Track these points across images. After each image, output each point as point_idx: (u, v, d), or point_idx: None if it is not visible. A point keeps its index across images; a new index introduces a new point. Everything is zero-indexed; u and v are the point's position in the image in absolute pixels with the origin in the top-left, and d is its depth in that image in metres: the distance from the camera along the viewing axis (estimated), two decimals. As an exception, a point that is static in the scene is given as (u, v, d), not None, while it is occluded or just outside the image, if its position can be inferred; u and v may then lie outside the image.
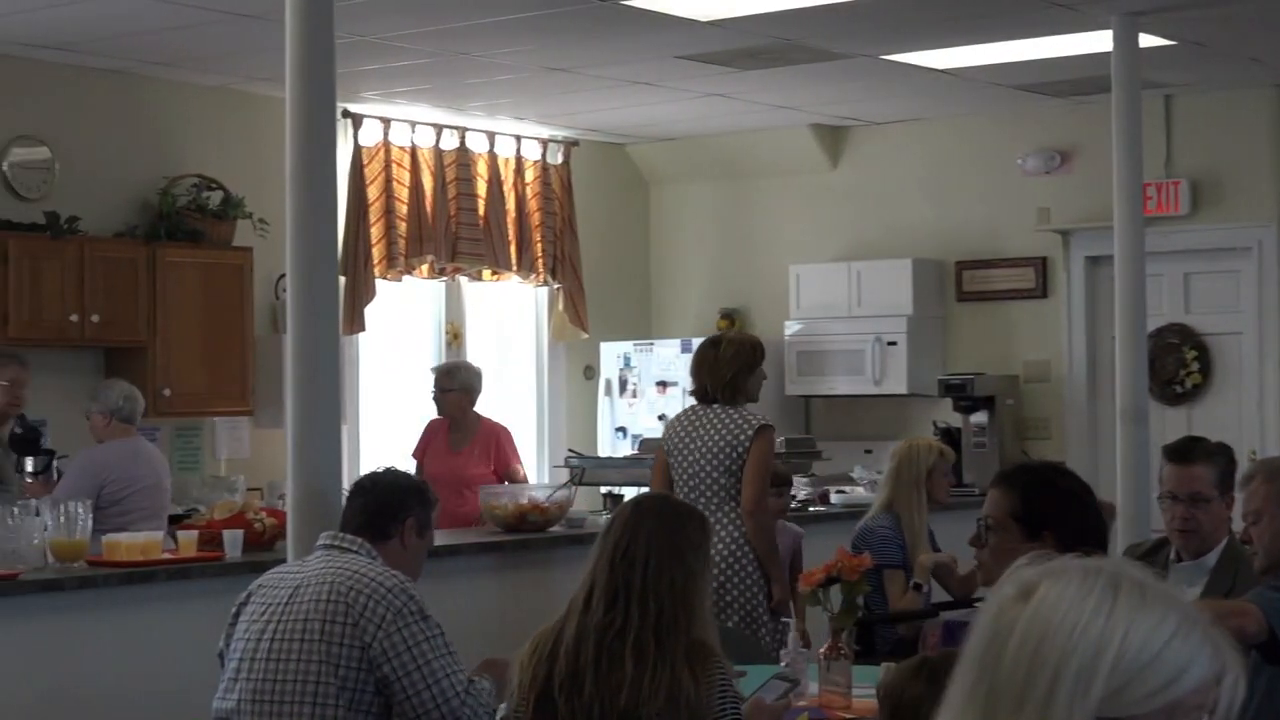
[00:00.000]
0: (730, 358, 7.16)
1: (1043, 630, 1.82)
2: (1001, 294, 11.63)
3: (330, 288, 5.96)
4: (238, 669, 4.63)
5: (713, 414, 7.10)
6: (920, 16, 8.81)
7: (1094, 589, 1.84)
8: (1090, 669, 1.79)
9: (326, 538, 4.83)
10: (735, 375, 7.13)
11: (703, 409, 7.17)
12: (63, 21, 8.58)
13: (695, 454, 7.06)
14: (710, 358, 7.20)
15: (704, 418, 7.12)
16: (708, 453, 7.03)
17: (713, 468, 7.02)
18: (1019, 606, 1.85)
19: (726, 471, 7.00)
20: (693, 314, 12.71)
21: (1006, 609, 1.86)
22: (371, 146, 10.94)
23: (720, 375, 7.13)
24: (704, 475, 7.04)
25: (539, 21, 8.67)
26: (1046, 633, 1.81)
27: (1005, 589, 1.88)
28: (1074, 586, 1.84)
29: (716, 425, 7.06)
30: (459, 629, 4.89)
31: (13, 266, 8.99)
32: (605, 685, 4.07)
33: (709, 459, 7.02)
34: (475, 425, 9.31)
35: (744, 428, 7.01)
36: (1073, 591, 1.84)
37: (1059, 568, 1.88)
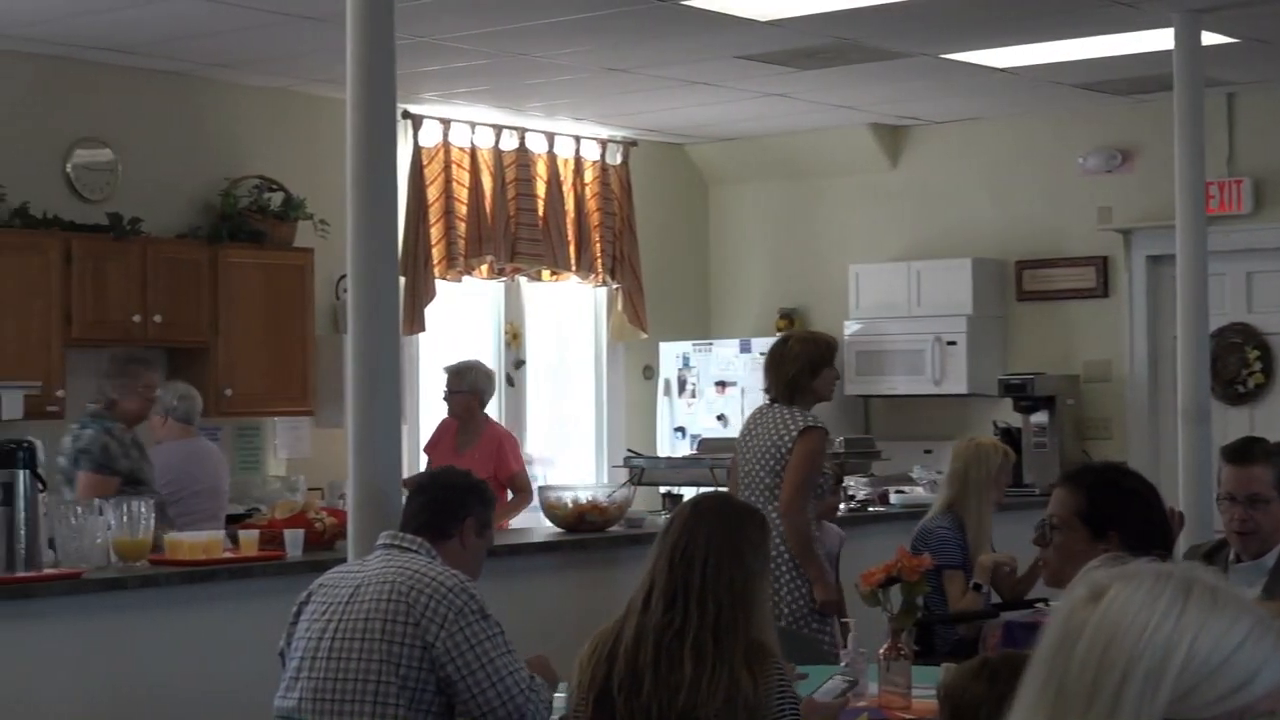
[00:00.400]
0: (794, 356, 7.13)
1: (1111, 631, 1.81)
2: (1062, 293, 11.58)
3: (390, 288, 5.98)
4: (299, 668, 4.65)
5: (771, 413, 7.11)
6: (980, 15, 8.78)
7: (1164, 592, 1.83)
8: (1159, 671, 1.78)
9: (386, 537, 4.85)
10: (797, 374, 7.08)
11: (766, 408, 7.18)
12: (125, 24, 8.64)
13: (750, 453, 7.09)
14: (776, 355, 7.19)
15: (763, 417, 7.13)
16: (758, 452, 7.05)
17: (760, 467, 7.04)
18: (1089, 608, 1.85)
19: (771, 471, 7.00)
20: (752, 314, 12.70)
21: (1077, 611, 1.86)
22: (431, 147, 10.97)
23: (783, 373, 7.12)
24: (754, 474, 7.06)
25: (598, 22, 8.68)
26: (1115, 634, 1.81)
27: (1077, 591, 1.88)
28: (1145, 589, 1.84)
29: (768, 425, 7.06)
30: (518, 629, 4.90)
31: (76, 267, 9.06)
32: (664, 686, 4.07)
33: (758, 458, 7.05)
34: (481, 428, 9.23)
35: (790, 428, 6.99)
36: (1143, 594, 1.83)
37: (1131, 571, 1.87)
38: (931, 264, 11.77)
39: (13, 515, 6.17)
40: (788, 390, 7.09)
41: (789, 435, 6.97)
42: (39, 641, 6.14)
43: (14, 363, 8.77)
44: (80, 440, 7.65)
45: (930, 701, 4.76)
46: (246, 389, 9.69)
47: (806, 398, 7.10)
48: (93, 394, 8.21)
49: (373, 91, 5.85)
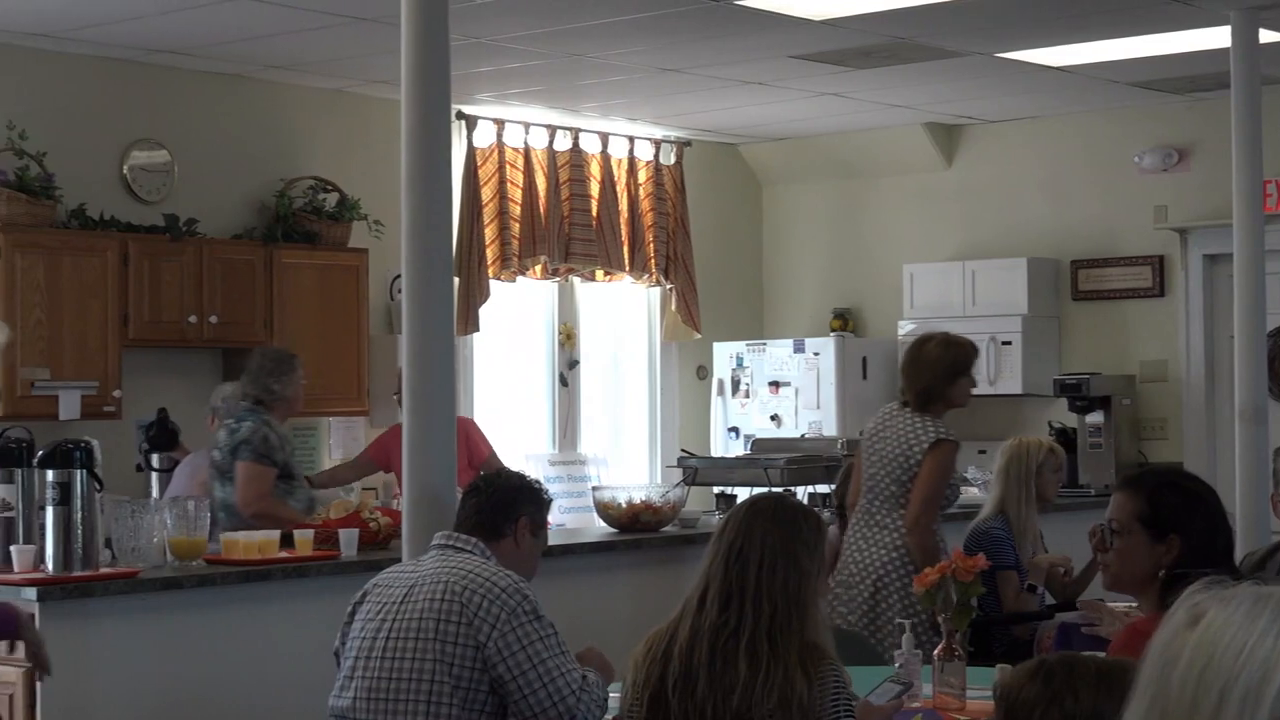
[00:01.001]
0: (933, 361, 6.84)
1: (1209, 654, 1.81)
2: (1118, 293, 11.52)
3: (445, 289, 5.99)
4: (353, 667, 4.67)
5: (902, 418, 6.81)
6: (1035, 13, 8.75)
7: (1263, 612, 1.82)
8: (1257, 693, 1.77)
9: (441, 537, 4.86)
10: (935, 381, 6.80)
11: (897, 410, 6.87)
12: (182, 27, 8.69)
13: (876, 456, 6.83)
14: (913, 358, 6.90)
15: (893, 420, 6.85)
16: (885, 457, 6.78)
17: (885, 473, 6.77)
18: (1188, 632, 1.85)
19: (896, 480, 6.74)
20: (806, 314, 12.68)
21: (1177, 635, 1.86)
22: (485, 148, 10.99)
23: (919, 378, 6.82)
24: (878, 480, 6.81)
25: (652, 22, 8.68)
26: (1213, 655, 1.81)
27: (1177, 616, 1.88)
28: (1243, 610, 1.84)
29: (898, 430, 6.78)
30: (571, 628, 4.90)
31: (133, 268, 9.11)
32: (718, 686, 4.07)
33: (884, 464, 6.78)
34: None
35: (921, 438, 6.70)
36: (1241, 615, 1.83)
37: (1230, 594, 1.87)
38: (986, 264, 11.73)
39: (70, 515, 6.22)
40: (922, 396, 6.79)
41: (920, 446, 6.69)
42: (96, 640, 6.18)
43: (71, 363, 8.83)
44: (240, 431, 7.71)
45: (984, 703, 4.74)
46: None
47: (940, 405, 6.82)
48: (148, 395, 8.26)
49: (427, 92, 5.86)
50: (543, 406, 11.69)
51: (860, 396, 11.71)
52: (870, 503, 6.82)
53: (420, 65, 5.86)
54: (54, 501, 6.22)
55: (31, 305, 8.69)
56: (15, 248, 8.66)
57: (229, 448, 7.71)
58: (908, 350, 7.00)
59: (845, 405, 11.67)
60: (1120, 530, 4.17)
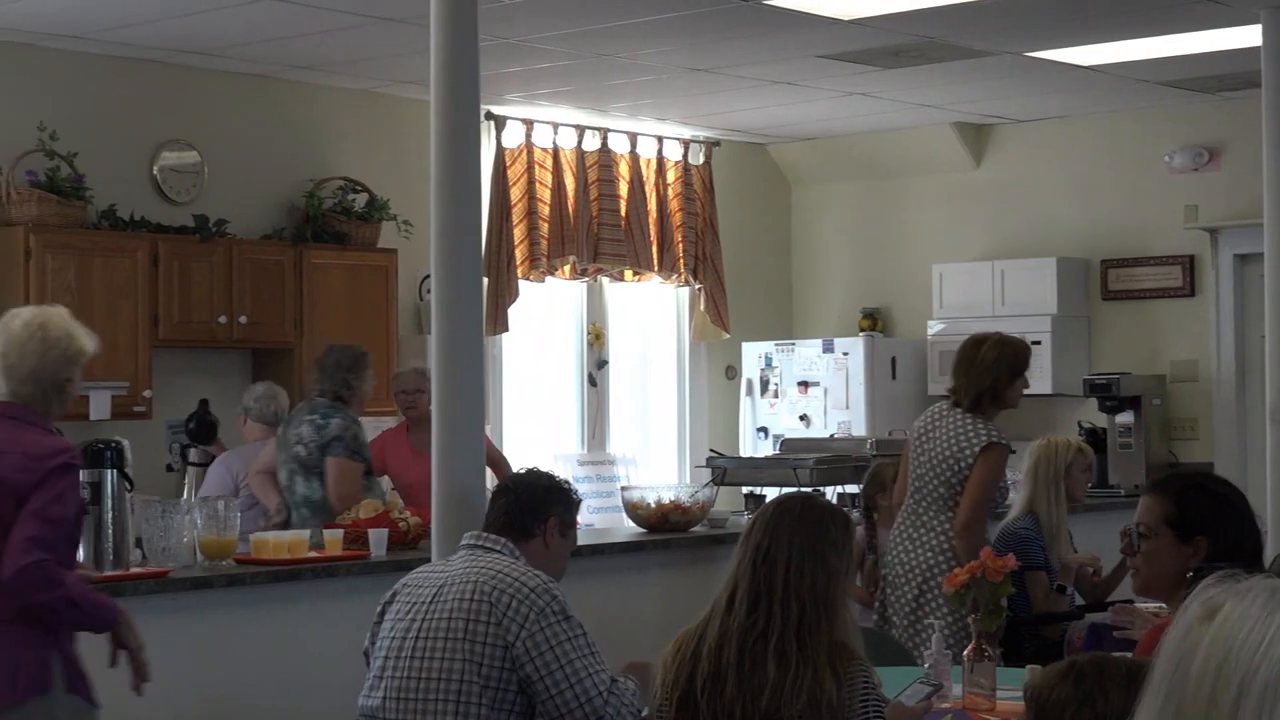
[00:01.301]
0: (990, 363, 6.79)
1: (1226, 647, 1.80)
2: (1148, 293, 11.49)
3: (474, 289, 6.00)
4: (383, 667, 4.68)
5: (953, 419, 6.76)
6: (1064, 12, 8.73)
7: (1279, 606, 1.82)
8: (1277, 686, 1.77)
9: (470, 537, 4.86)
10: (995, 381, 6.76)
11: (947, 410, 6.82)
12: (211, 28, 8.71)
13: (925, 457, 6.77)
14: (969, 359, 6.83)
15: (943, 421, 6.79)
16: (935, 458, 6.73)
17: (934, 475, 6.73)
18: (1204, 626, 1.84)
19: (946, 483, 6.69)
20: (834, 314, 12.67)
21: (1192, 629, 1.85)
22: (514, 148, 11.00)
23: (979, 378, 6.75)
24: (926, 480, 6.76)
25: (681, 22, 8.67)
26: (1231, 649, 1.80)
27: (1192, 610, 1.88)
28: (1259, 603, 1.83)
29: (949, 431, 6.73)
30: (600, 628, 4.91)
31: (163, 269, 9.13)
32: (747, 687, 4.06)
33: (934, 465, 6.73)
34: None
35: (973, 441, 6.66)
36: (1258, 608, 1.82)
37: (1245, 587, 1.86)
38: (1015, 263, 11.70)
39: (101, 514, 6.23)
40: (979, 397, 6.74)
41: (971, 449, 6.65)
42: (127, 640, 6.19)
43: (102, 364, 8.79)
44: (329, 428, 7.73)
45: (1014, 703, 4.73)
46: (331, 389, 9.74)
47: (993, 406, 6.77)
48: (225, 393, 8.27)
49: (456, 93, 5.87)
50: (572, 407, 11.69)
51: (889, 396, 11.70)
52: (917, 503, 6.78)
53: (450, 66, 5.87)
54: (85, 501, 6.23)
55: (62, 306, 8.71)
56: (46, 248, 8.69)
57: (318, 444, 7.72)
58: (963, 350, 6.91)
59: (874, 405, 11.66)
60: (1148, 533, 4.17)
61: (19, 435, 4.78)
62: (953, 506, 6.68)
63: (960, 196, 12.23)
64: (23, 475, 4.68)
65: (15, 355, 4.88)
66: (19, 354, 4.88)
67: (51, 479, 4.68)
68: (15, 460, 4.71)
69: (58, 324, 4.97)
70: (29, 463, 4.70)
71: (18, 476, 4.67)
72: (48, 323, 4.95)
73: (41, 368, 4.88)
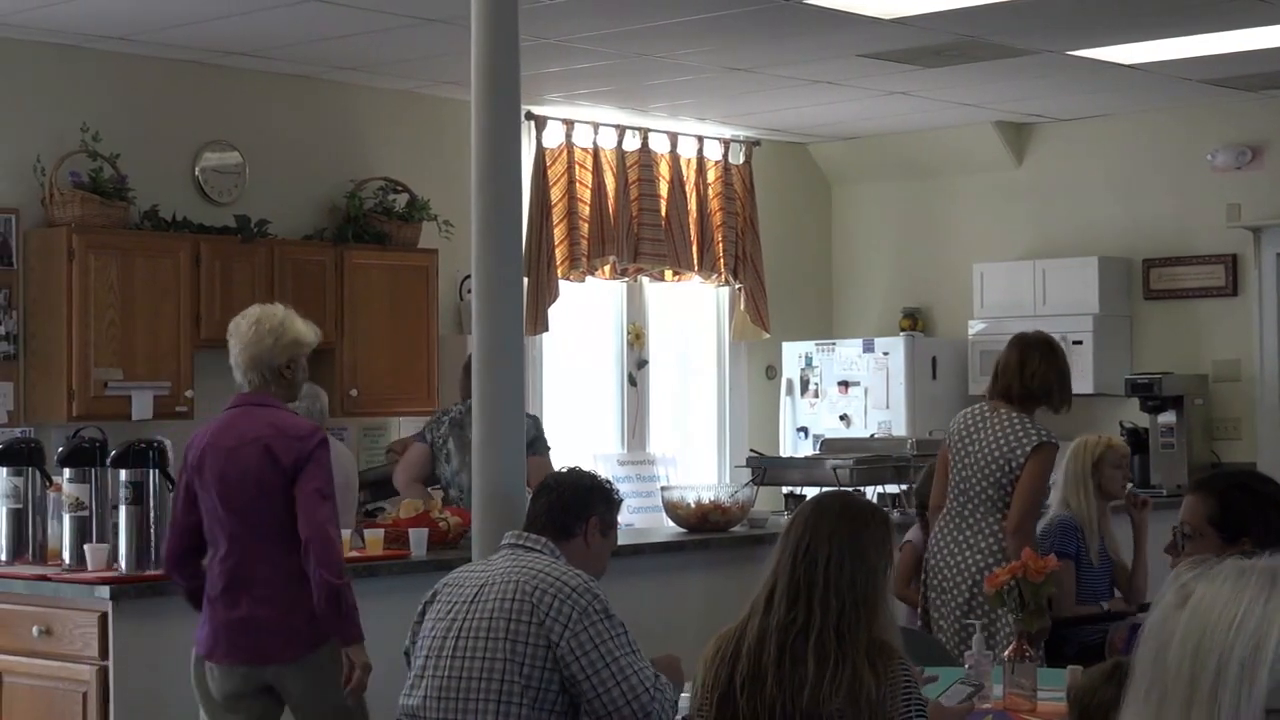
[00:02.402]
0: (1051, 363, 6.74)
1: (1200, 629, 1.84)
2: (1190, 292, 11.44)
3: (514, 289, 6.00)
4: (423, 667, 4.68)
5: (997, 419, 6.67)
6: (1106, 11, 8.70)
7: (1249, 584, 1.86)
8: (1253, 661, 1.81)
9: (511, 537, 4.87)
10: (1053, 382, 6.71)
11: (990, 410, 6.74)
12: (253, 29, 8.74)
13: (970, 459, 6.68)
14: (1023, 359, 6.73)
15: (988, 421, 6.70)
16: (982, 459, 6.63)
17: (982, 476, 6.63)
18: (1178, 613, 1.88)
19: (995, 484, 6.60)
20: (875, 314, 12.65)
21: (1168, 616, 1.89)
22: (555, 148, 11.01)
23: (1038, 378, 6.69)
24: (972, 482, 6.67)
25: (721, 22, 8.67)
26: (1205, 631, 1.84)
27: (1166, 598, 1.91)
28: (1229, 584, 1.87)
29: (997, 431, 6.63)
30: (640, 628, 4.90)
31: (205, 269, 9.16)
32: (787, 684, 4.06)
33: (981, 466, 6.63)
34: None
35: (1023, 442, 6.57)
36: (1228, 589, 1.86)
37: (1215, 571, 1.90)
38: (1057, 263, 11.66)
39: (143, 514, 6.26)
40: (1032, 397, 6.68)
41: (1023, 449, 6.56)
42: (168, 638, 6.22)
43: (144, 364, 8.90)
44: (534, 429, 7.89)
45: (1056, 704, 4.72)
46: (372, 389, 9.77)
47: (1041, 407, 6.73)
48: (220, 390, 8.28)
49: (497, 93, 5.87)
50: (611, 406, 11.70)
51: (930, 396, 11.67)
52: (962, 506, 6.69)
53: (490, 66, 5.87)
54: (127, 501, 6.27)
55: (105, 306, 8.76)
56: (89, 249, 8.74)
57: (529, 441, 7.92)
58: (1015, 351, 6.79)
59: (915, 405, 11.63)
60: (1192, 534, 4.15)
61: (267, 417, 5.52)
62: (1002, 508, 6.59)
63: (1001, 195, 12.20)
64: (287, 452, 5.40)
65: (238, 346, 5.70)
66: (241, 345, 5.70)
67: (318, 455, 5.43)
68: (274, 438, 5.44)
69: (273, 315, 5.73)
70: (292, 442, 5.43)
71: (283, 453, 5.40)
72: (264, 316, 5.73)
73: (259, 355, 5.64)
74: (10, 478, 6.87)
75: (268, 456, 5.42)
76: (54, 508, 6.79)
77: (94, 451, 6.63)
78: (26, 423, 8.71)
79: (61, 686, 6.28)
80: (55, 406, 8.70)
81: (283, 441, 5.43)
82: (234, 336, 5.74)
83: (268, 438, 5.44)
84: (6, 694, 6.51)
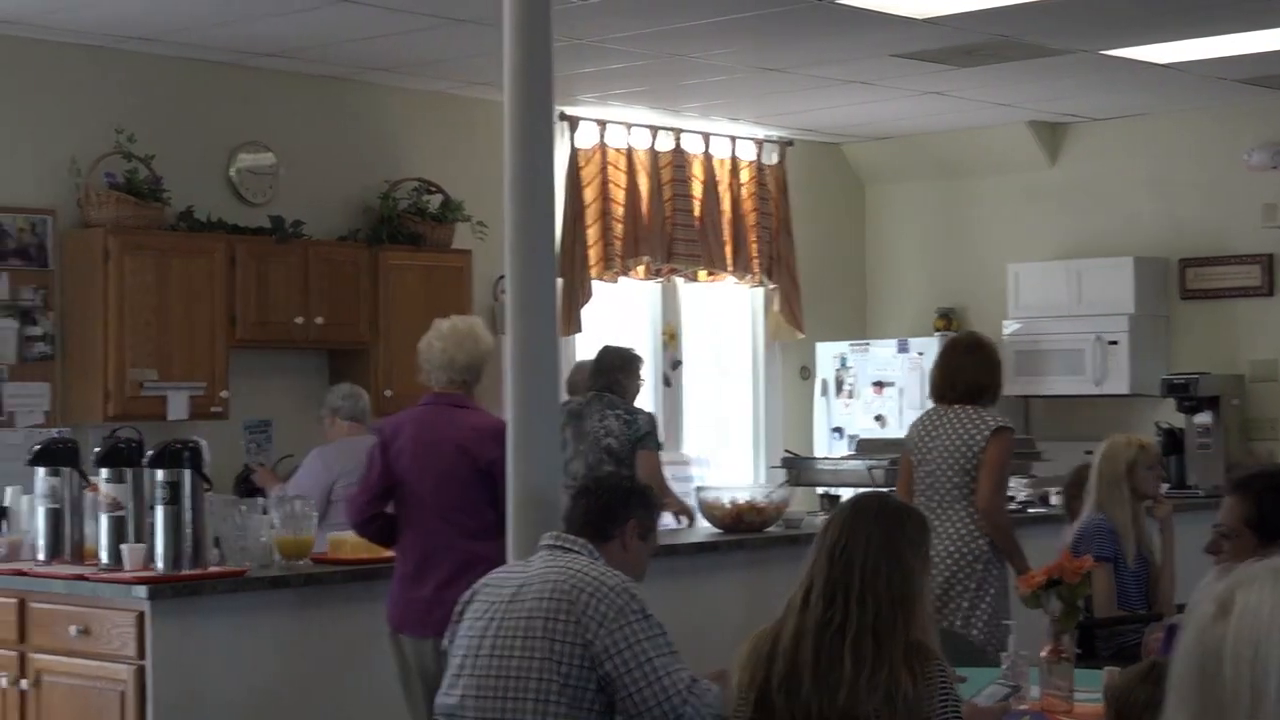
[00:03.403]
0: (994, 359, 7.25)
1: (1253, 637, 1.79)
2: (1227, 292, 11.39)
3: (548, 289, 6.00)
4: (461, 665, 4.68)
5: (952, 415, 7.12)
6: (1140, 10, 8.67)
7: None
8: None
9: (549, 538, 4.87)
10: (996, 377, 7.21)
11: (944, 409, 7.18)
12: (286, 30, 8.76)
13: (932, 454, 7.10)
14: (974, 359, 7.23)
15: (943, 419, 7.15)
16: (943, 453, 7.06)
17: (947, 467, 7.05)
18: (1221, 624, 1.83)
19: (960, 471, 7.02)
20: (910, 314, 12.62)
21: (1209, 629, 1.84)
22: (588, 149, 11.01)
23: (983, 375, 7.18)
24: (938, 475, 7.07)
25: (754, 22, 8.67)
26: (1259, 639, 1.79)
27: (1203, 609, 1.86)
28: (1270, 587, 1.82)
29: (954, 426, 7.08)
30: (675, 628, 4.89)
31: (240, 270, 9.19)
32: (823, 685, 4.05)
33: (944, 459, 7.06)
34: None
35: (981, 429, 7.01)
36: (1269, 593, 1.82)
37: (1248, 576, 1.85)
38: (1092, 262, 11.63)
39: (179, 514, 6.28)
40: (981, 392, 7.15)
41: (981, 435, 7.00)
42: (204, 638, 6.25)
43: (180, 364, 8.92)
44: (638, 424, 8.52)
45: (1092, 705, 4.70)
46: (406, 389, 9.73)
47: (991, 400, 7.17)
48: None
49: (530, 94, 5.87)
50: (646, 407, 11.68)
51: (964, 396, 11.63)
52: (929, 500, 7.03)
53: (523, 67, 5.87)
54: (163, 501, 6.29)
55: (140, 307, 8.79)
56: (124, 250, 8.77)
57: (628, 438, 8.41)
58: (958, 353, 7.28)
59: (949, 405, 11.59)
60: (1229, 534, 4.14)
61: (464, 417, 6.35)
62: (969, 494, 7.01)
63: (1036, 195, 12.17)
64: (483, 448, 6.16)
65: (455, 350, 6.52)
66: (457, 349, 6.52)
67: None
68: (472, 435, 6.25)
69: (479, 327, 6.69)
70: (488, 437, 6.12)
71: (481, 449, 6.18)
72: (475, 327, 6.66)
73: (470, 362, 6.53)
74: (47, 478, 6.89)
75: (463, 453, 6.22)
76: (91, 508, 6.81)
77: (130, 452, 6.65)
78: (63, 423, 8.74)
79: (99, 686, 6.30)
80: (91, 407, 8.73)
81: (477, 439, 6.22)
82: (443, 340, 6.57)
83: (464, 436, 6.25)
84: (45, 693, 6.54)
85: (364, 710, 6.65)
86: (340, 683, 6.61)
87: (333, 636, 6.60)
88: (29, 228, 8.80)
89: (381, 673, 6.64)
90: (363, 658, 6.64)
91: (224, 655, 6.30)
